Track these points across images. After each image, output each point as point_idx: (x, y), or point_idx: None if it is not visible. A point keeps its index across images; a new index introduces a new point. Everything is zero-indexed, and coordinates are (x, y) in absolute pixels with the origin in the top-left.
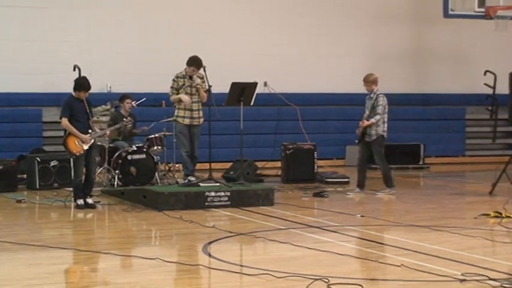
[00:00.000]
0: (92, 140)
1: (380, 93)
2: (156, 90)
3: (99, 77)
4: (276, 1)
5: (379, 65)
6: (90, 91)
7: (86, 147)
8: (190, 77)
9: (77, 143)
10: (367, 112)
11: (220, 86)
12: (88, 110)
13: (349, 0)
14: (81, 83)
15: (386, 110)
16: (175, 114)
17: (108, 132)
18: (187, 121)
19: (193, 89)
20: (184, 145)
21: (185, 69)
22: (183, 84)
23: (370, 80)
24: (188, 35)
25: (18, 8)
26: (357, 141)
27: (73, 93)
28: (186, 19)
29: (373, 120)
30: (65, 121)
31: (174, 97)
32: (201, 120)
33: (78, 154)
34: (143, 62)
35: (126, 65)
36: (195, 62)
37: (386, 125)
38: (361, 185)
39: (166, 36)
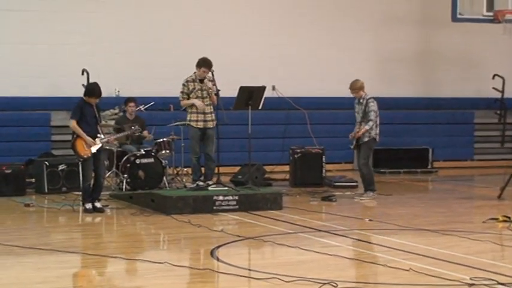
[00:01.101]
0: (100, 144)
1: (369, 98)
2: (164, 94)
3: (107, 81)
4: (284, 6)
5: (387, 68)
6: None
7: (93, 150)
8: (201, 81)
9: (85, 145)
10: (359, 118)
11: (228, 90)
12: (97, 115)
13: (357, 4)
14: (92, 89)
15: (377, 113)
16: (188, 119)
17: (112, 138)
18: (201, 125)
19: (205, 92)
20: (195, 151)
21: (195, 72)
22: (194, 88)
23: (357, 87)
24: (197, 39)
25: (26, 12)
26: (351, 146)
27: (83, 98)
28: (194, 23)
29: (367, 127)
30: (73, 123)
31: (185, 102)
32: (214, 123)
33: (85, 157)
34: (151, 66)
35: (134, 69)
36: (205, 63)
37: (378, 128)
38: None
39: (174, 40)
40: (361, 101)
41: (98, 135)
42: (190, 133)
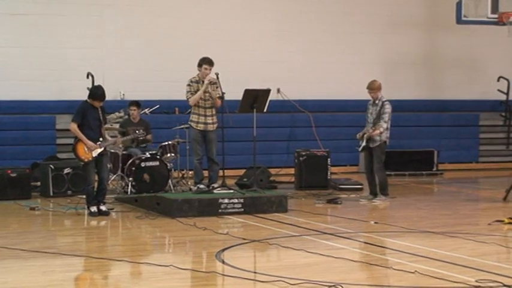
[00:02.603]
0: (102, 148)
1: (385, 100)
2: (169, 97)
3: (112, 84)
4: (289, 8)
5: (393, 71)
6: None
7: (94, 154)
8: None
9: (86, 149)
10: (371, 119)
11: (233, 92)
12: (101, 118)
13: (362, 7)
14: (95, 93)
15: (390, 117)
16: (189, 119)
17: (119, 141)
18: (201, 127)
19: (207, 95)
20: (198, 153)
21: (198, 74)
22: (197, 90)
23: (375, 87)
24: (201, 42)
25: (31, 16)
26: (359, 148)
27: (87, 100)
28: (199, 27)
29: (381, 129)
30: (73, 126)
31: (194, 98)
32: (215, 125)
33: (86, 160)
34: (156, 69)
35: (139, 72)
36: (204, 60)
37: (389, 131)
38: (373, 192)
39: (179, 43)
40: (376, 102)
41: (100, 138)
42: (192, 135)
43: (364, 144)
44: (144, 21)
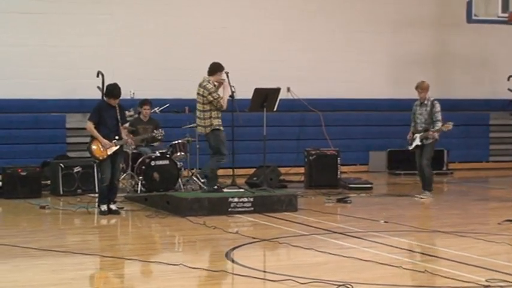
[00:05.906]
0: (117, 147)
1: (434, 100)
2: (179, 96)
3: (122, 83)
4: (298, 8)
5: (402, 70)
6: None
7: (109, 152)
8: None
9: (101, 147)
10: (422, 119)
11: (243, 92)
12: (119, 117)
13: (371, 6)
14: (111, 90)
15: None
16: (216, 123)
17: (130, 140)
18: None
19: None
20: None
21: (209, 80)
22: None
23: (424, 87)
24: (211, 41)
25: (41, 15)
26: (410, 148)
27: (105, 98)
28: (208, 25)
29: (437, 128)
30: (89, 125)
31: (224, 101)
32: None
33: (101, 158)
34: (166, 68)
35: (149, 71)
36: (222, 66)
37: None
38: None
39: (189, 42)
40: (425, 102)
41: (116, 137)
42: (221, 136)
43: (417, 143)
44: (154, 20)
